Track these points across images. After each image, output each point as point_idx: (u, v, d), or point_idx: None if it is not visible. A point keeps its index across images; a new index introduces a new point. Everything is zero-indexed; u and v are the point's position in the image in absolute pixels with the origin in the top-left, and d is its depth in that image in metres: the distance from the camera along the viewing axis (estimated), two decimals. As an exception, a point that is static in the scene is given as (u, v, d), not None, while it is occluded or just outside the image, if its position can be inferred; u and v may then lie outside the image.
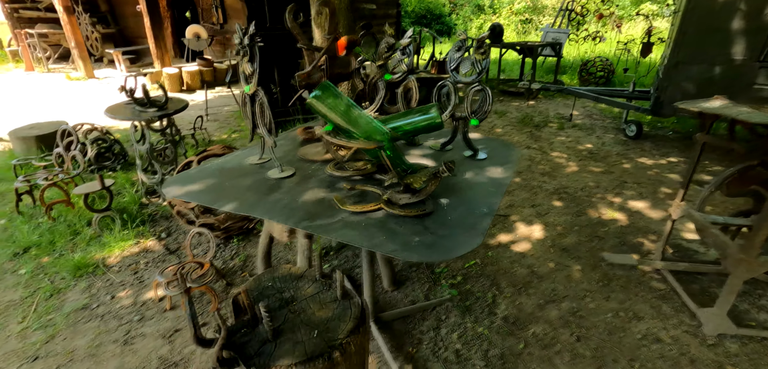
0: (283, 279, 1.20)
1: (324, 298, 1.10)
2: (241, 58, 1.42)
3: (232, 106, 6.84)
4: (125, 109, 3.11)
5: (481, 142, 1.88)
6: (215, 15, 10.18)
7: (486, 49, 1.57)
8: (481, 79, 1.61)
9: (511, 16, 20.32)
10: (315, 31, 4.04)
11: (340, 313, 1.05)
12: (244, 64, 1.42)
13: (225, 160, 1.71)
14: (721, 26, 3.81)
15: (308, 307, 1.08)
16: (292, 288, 1.16)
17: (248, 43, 1.36)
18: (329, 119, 1.19)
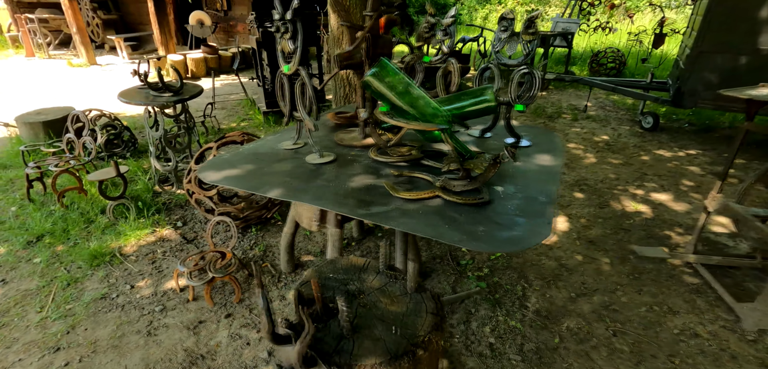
0: (346, 270, 1.13)
1: (392, 291, 1.04)
2: (279, 35, 1.34)
3: (239, 94, 6.73)
4: (139, 94, 3.02)
5: (517, 129, 1.80)
6: (219, 1, 10.01)
7: (536, 29, 1.49)
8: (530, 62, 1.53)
9: (517, 7, 20.10)
10: (330, 15, 3.93)
11: (414, 308, 0.98)
12: (284, 42, 1.33)
13: (257, 145, 1.63)
14: (748, 15, 3.72)
15: (378, 300, 1.01)
16: (356, 280, 1.09)
17: (291, 18, 1.27)
18: (387, 99, 1.11)
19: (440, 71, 1.70)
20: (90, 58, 8.70)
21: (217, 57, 8.53)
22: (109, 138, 3.82)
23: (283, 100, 1.50)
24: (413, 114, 1.08)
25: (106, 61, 9.41)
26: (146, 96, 2.96)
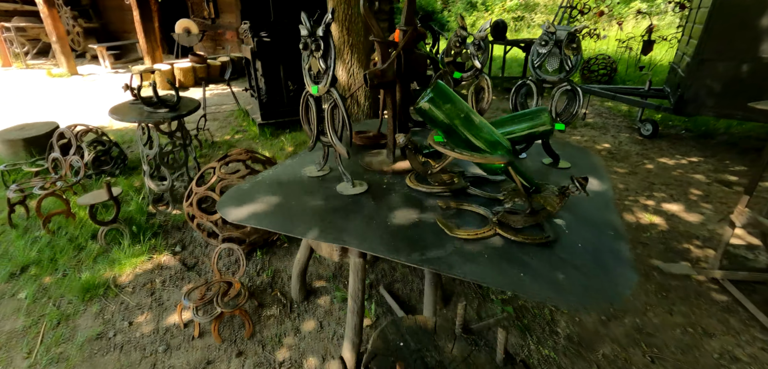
0: (415, 334, 0.97)
1: (478, 362, 0.89)
2: (308, 52, 1.20)
3: (230, 104, 6.52)
4: (131, 110, 2.83)
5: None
6: (207, 9, 9.78)
7: (578, 43, 1.39)
8: (571, 78, 1.43)
9: (504, 14, 20.34)
10: (333, 27, 3.80)
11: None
12: (313, 60, 1.20)
13: (278, 171, 1.48)
14: (748, 23, 3.74)
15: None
16: (431, 348, 0.93)
17: (322, 35, 1.14)
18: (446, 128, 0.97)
19: (472, 88, 1.59)
20: (71, 68, 8.35)
21: (205, 66, 8.30)
22: (97, 155, 3.59)
23: (308, 123, 1.36)
24: (477, 145, 0.96)
25: (87, 70, 9.06)
26: (140, 112, 2.77)
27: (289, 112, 5.07)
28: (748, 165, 4.04)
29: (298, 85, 5.12)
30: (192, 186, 2.44)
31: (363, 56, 3.82)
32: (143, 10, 7.48)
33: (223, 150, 4.49)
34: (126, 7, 9.23)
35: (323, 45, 1.14)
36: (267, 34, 4.61)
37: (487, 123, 0.96)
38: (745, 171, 3.91)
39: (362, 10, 1.26)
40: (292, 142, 4.33)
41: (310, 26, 1.20)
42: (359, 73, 3.86)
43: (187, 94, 7.47)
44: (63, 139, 3.46)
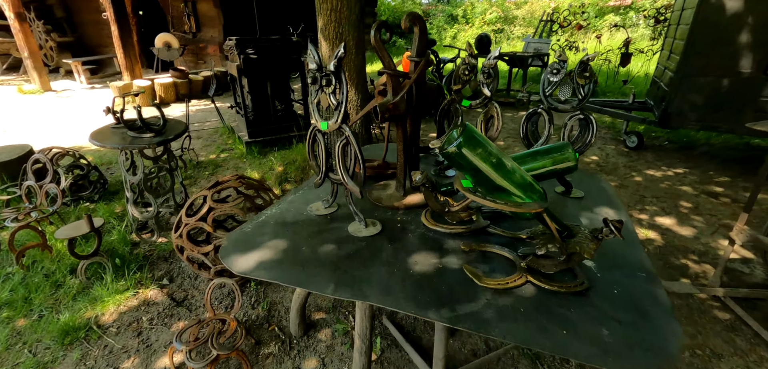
0: None
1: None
2: (316, 87, 1.13)
3: (215, 121, 6.35)
4: (113, 135, 2.68)
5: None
6: (187, 23, 9.59)
7: (591, 71, 1.36)
8: (584, 107, 1.40)
9: (484, 26, 20.75)
10: (321, 43, 3.73)
11: None
12: (323, 95, 1.12)
13: (281, 209, 1.38)
14: (729, 39, 3.86)
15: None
16: None
17: (334, 70, 1.07)
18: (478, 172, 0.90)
19: (482, 116, 1.54)
20: (43, 84, 8.00)
21: (187, 81, 8.09)
22: (74, 180, 3.40)
23: (315, 159, 1.28)
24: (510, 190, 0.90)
25: (61, 86, 8.70)
26: (123, 138, 2.62)
27: (277, 129, 4.96)
28: (731, 176, 4.15)
29: (286, 105, 5.02)
30: (181, 216, 2.30)
31: (354, 74, 3.76)
32: (121, 24, 7.25)
33: (209, 170, 4.34)
34: (103, 21, 8.96)
35: (335, 80, 1.07)
36: (254, 51, 4.51)
37: (518, 166, 0.91)
38: (728, 182, 4.01)
39: (373, 41, 1.20)
40: (281, 161, 4.21)
41: (318, 59, 1.13)
42: (350, 91, 3.79)
43: (169, 110, 7.25)
44: (38, 163, 3.26)
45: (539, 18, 11.16)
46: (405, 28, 1.23)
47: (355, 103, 3.84)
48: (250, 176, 3.85)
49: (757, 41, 3.77)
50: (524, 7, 21.30)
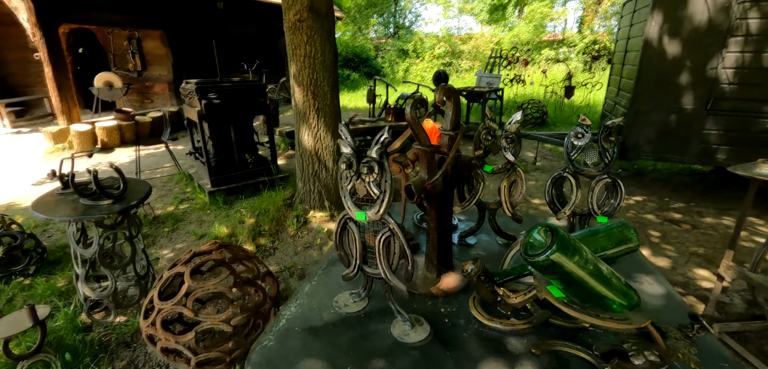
0: None
1: None
2: (352, 172, 0.98)
3: (169, 167, 5.85)
4: (61, 204, 2.29)
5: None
6: (132, 61, 8.97)
7: (616, 136, 1.34)
8: (611, 170, 1.37)
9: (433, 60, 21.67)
10: (294, 88, 3.58)
11: None
12: (360, 184, 0.97)
13: (303, 308, 1.18)
14: (672, 80, 4.25)
15: None
16: None
17: (378, 157, 0.93)
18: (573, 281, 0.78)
19: (505, 182, 1.47)
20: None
21: (134, 123, 7.47)
22: (6, 252, 2.88)
23: (343, 250, 1.12)
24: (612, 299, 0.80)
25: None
26: (74, 207, 2.25)
27: (242, 176, 4.65)
28: (685, 201, 4.49)
29: (256, 157, 4.74)
30: (153, 298, 1.98)
31: (330, 120, 3.63)
32: (56, 63, 6.58)
33: (168, 226, 3.91)
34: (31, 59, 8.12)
35: (378, 168, 0.93)
36: (216, 95, 4.23)
37: (613, 271, 0.82)
38: (684, 208, 4.32)
39: (409, 117, 1.09)
40: (251, 212, 3.91)
41: (352, 143, 0.98)
42: (326, 137, 3.65)
43: (114, 155, 6.60)
44: (-44, 238, 2.73)
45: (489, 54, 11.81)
46: (438, 102, 1.14)
47: (331, 149, 3.69)
48: (219, 233, 3.53)
49: (696, 81, 4.18)
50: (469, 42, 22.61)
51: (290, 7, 3.29)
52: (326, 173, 3.71)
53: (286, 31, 3.42)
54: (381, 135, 0.93)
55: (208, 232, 3.68)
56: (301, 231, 3.58)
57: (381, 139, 0.93)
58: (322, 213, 3.75)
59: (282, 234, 3.57)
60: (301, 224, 3.65)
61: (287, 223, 3.66)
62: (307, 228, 3.62)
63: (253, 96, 4.57)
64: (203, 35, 9.32)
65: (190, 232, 3.74)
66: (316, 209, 3.77)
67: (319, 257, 3.21)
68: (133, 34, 8.66)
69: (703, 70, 4.14)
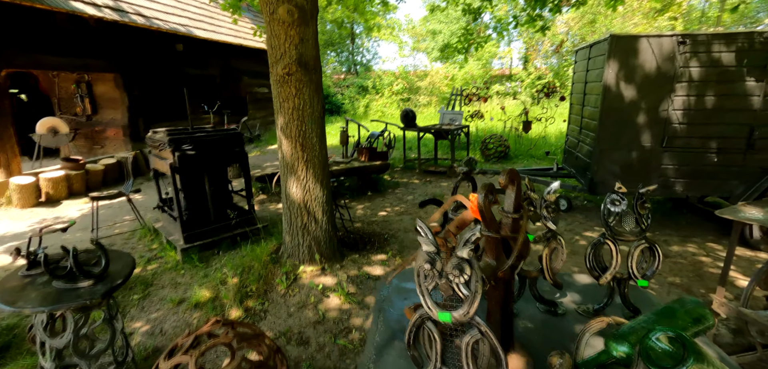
0: None
1: None
2: (437, 270, 0.92)
3: (130, 220, 5.37)
4: (28, 288, 1.99)
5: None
6: (80, 106, 8.35)
7: (649, 201, 1.40)
8: (648, 235, 1.42)
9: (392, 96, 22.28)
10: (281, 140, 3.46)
11: None
12: (446, 284, 0.92)
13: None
14: (631, 120, 4.64)
15: None
16: None
17: (468, 258, 0.88)
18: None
19: (546, 250, 1.48)
20: None
21: (84, 172, 6.85)
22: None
23: (417, 351, 1.04)
24: None
25: None
26: (45, 294, 1.96)
27: (218, 229, 4.37)
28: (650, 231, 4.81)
29: (238, 212, 4.48)
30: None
31: (319, 171, 3.54)
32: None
33: (137, 292, 3.54)
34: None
35: (468, 268, 0.89)
36: (191, 146, 3.99)
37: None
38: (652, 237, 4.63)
39: (481, 204, 1.06)
40: (234, 270, 3.65)
41: (435, 241, 0.93)
42: (315, 188, 3.55)
43: (60, 209, 5.97)
44: None
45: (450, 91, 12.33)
46: (502, 186, 1.13)
47: (321, 201, 3.58)
48: (200, 298, 3.24)
49: (652, 121, 4.60)
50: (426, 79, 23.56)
51: (278, 61, 3.23)
52: (316, 225, 3.58)
53: (274, 84, 3.34)
54: (471, 234, 0.89)
55: (186, 297, 3.37)
56: (292, 289, 3.38)
57: (472, 239, 0.89)
58: (312, 267, 3.58)
59: (271, 294, 3.35)
60: (291, 281, 3.45)
61: (276, 280, 3.45)
62: (298, 285, 3.43)
63: (229, 145, 4.37)
64: (161, 78, 8.91)
65: (165, 298, 3.41)
66: (306, 263, 3.60)
67: (315, 317, 3.03)
68: (82, 76, 8.08)
69: (656, 111, 4.56)
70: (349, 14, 12.76)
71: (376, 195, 6.58)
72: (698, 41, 4.35)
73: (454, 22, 27.21)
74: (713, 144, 4.50)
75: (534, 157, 9.66)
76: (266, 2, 3.11)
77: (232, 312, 3.10)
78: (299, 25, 3.16)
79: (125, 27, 7.61)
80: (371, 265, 3.80)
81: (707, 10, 21.32)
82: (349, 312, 3.10)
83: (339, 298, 3.24)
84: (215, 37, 9.84)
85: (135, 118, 8.25)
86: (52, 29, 6.59)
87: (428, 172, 8.22)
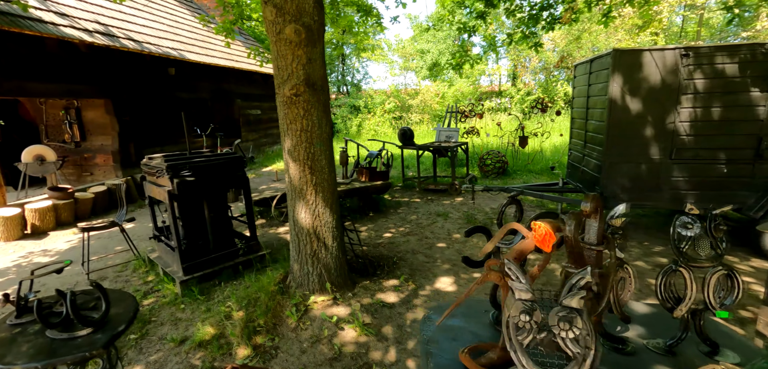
0: None
1: None
2: (534, 323, 0.77)
3: (122, 251, 5.09)
4: (18, 340, 1.77)
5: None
6: (68, 133, 8.08)
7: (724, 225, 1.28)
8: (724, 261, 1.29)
9: (385, 114, 22.34)
10: (289, 163, 3.30)
11: None
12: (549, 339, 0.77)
13: None
14: (639, 133, 4.60)
15: None
16: None
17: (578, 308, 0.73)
18: None
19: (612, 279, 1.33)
20: None
21: (72, 201, 6.55)
22: None
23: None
24: None
25: None
26: (38, 345, 1.74)
27: (218, 259, 4.14)
28: (663, 244, 4.73)
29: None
30: None
31: (328, 195, 3.38)
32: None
33: (134, 329, 3.28)
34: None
35: (579, 321, 0.74)
36: (191, 173, 3.80)
37: None
38: (663, 251, 4.55)
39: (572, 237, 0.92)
40: (238, 303, 3.42)
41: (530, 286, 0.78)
42: (324, 213, 3.38)
43: (47, 241, 5.66)
44: None
45: (446, 109, 12.34)
46: (588, 213, 0.99)
47: (331, 226, 3.41)
48: (204, 336, 3.01)
49: (659, 133, 4.56)
50: (417, 97, 23.71)
51: (285, 82, 3.10)
52: (326, 252, 3.40)
53: (281, 105, 3.19)
54: (580, 277, 0.74)
55: (188, 335, 3.13)
56: (304, 321, 3.17)
57: (581, 283, 0.74)
58: (323, 297, 3.38)
59: (281, 328, 3.13)
60: (302, 313, 3.24)
61: (285, 313, 3.24)
62: (310, 317, 3.22)
63: (230, 169, 4.19)
64: (153, 102, 8.71)
65: (165, 337, 3.16)
66: (317, 293, 3.40)
67: (331, 353, 2.82)
68: (71, 103, 7.84)
69: (663, 123, 4.53)
70: (340, 36, 12.77)
71: (378, 216, 6.41)
72: (701, 53, 4.36)
73: (441, 42, 27.68)
74: (722, 155, 4.47)
75: (532, 172, 9.63)
76: (272, 22, 3.00)
77: (240, 351, 2.87)
78: (306, 44, 3.04)
79: (116, 52, 7.44)
80: (384, 292, 3.62)
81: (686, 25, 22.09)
82: (367, 345, 2.90)
83: (355, 330, 3.04)
84: (208, 61, 9.72)
85: (126, 144, 8.00)
86: (41, 55, 6.38)
87: (428, 190, 8.10)
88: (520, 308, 0.79)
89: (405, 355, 2.80)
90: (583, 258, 0.96)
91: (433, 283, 3.87)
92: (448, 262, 4.42)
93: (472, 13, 8.19)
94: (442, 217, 6.14)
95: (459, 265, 4.31)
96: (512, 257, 1.19)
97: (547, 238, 1.10)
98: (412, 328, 3.09)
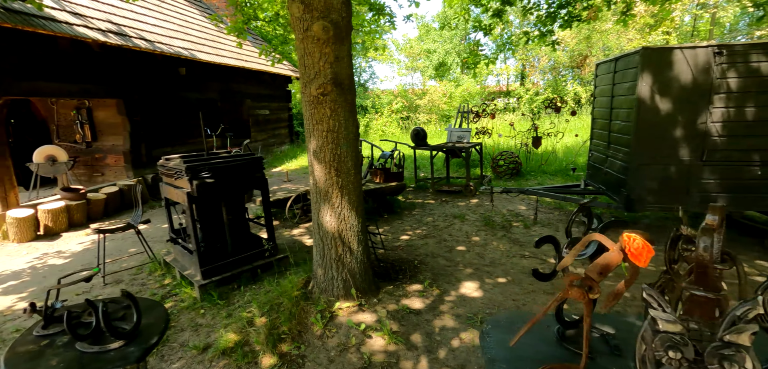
0: None
1: None
2: (686, 362, 0.65)
3: (136, 253, 5.02)
4: (51, 355, 1.67)
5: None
6: (80, 132, 8.03)
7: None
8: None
9: (392, 115, 22.20)
10: (314, 165, 3.19)
11: None
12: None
13: None
14: (668, 134, 4.45)
15: None
16: None
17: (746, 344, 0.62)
18: None
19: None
20: None
21: (85, 202, 6.50)
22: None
23: None
24: None
25: None
26: (67, 361, 1.64)
27: (236, 262, 4.04)
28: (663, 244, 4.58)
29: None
30: None
31: (354, 198, 3.27)
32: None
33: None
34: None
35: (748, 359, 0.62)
36: (210, 174, 3.70)
37: None
38: (693, 257, 4.40)
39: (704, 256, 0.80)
40: (260, 309, 3.32)
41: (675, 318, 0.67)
42: (351, 216, 3.27)
43: (60, 242, 5.59)
44: None
45: (457, 110, 12.20)
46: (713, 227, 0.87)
47: (356, 230, 3.30)
48: (226, 343, 2.91)
49: (690, 134, 4.41)
50: (424, 97, 23.55)
51: (312, 81, 2.99)
52: (351, 257, 3.29)
53: (306, 105, 3.09)
54: (749, 308, 0.62)
55: (211, 342, 3.03)
56: (329, 328, 3.06)
57: (750, 315, 0.62)
58: (348, 303, 3.27)
59: (306, 335, 3.02)
60: (327, 320, 3.13)
61: (310, 319, 3.13)
62: (335, 324, 3.11)
63: (249, 171, 4.09)
64: (163, 102, 8.65)
65: (187, 344, 3.06)
66: (342, 299, 3.29)
67: (360, 363, 2.71)
68: (82, 103, 7.79)
69: (694, 124, 4.38)
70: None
71: (393, 217, 6.30)
72: (735, 51, 4.20)
73: (447, 41, 27.51)
74: (756, 157, 4.31)
75: (546, 173, 9.48)
76: (299, 19, 2.89)
77: (265, 359, 2.77)
78: (334, 42, 2.93)
79: (128, 52, 7.38)
80: (409, 298, 3.50)
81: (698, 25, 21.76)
82: (397, 354, 2.79)
83: (383, 339, 2.92)
84: (218, 61, 9.65)
85: (137, 144, 7.95)
86: (53, 55, 6.32)
87: (442, 192, 7.98)
88: (666, 342, 0.67)
89: (437, 365, 2.68)
90: (713, 279, 0.84)
91: (457, 288, 3.75)
92: (470, 266, 4.29)
93: (487, 10, 8.06)
94: (458, 219, 6.01)
95: (482, 269, 4.19)
96: (596, 273, 1.07)
97: (644, 252, 0.98)
98: (442, 336, 2.97)
